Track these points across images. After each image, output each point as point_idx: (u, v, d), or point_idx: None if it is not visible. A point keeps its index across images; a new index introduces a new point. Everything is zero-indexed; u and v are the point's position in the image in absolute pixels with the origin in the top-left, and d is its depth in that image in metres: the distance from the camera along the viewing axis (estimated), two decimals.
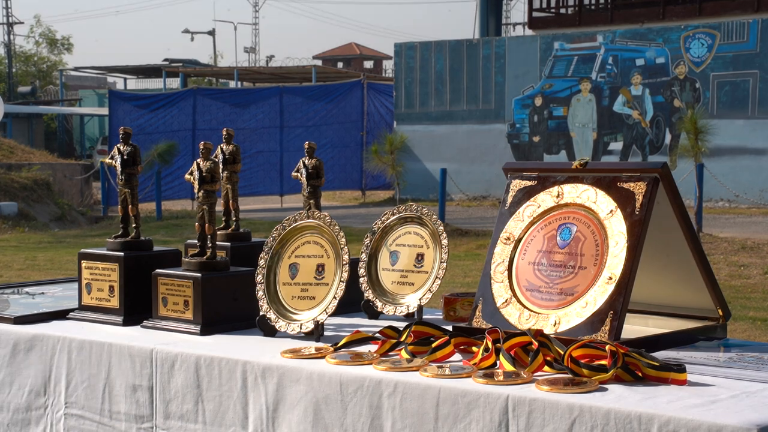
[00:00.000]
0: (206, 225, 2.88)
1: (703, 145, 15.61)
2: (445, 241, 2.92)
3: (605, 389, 2.13)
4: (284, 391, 2.46)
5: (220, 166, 3.13)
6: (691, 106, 20.55)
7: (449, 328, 2.64)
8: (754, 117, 20.40)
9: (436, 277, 2.91)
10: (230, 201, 3.22)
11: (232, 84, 37.48)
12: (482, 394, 2.17)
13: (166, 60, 45.20)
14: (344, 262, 2.70)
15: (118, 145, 3.05)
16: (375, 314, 3.00)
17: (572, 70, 22.05)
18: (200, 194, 2.87)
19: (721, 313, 2.64)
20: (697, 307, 2.66)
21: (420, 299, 2.90)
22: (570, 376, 2.21)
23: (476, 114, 23.02)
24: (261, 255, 2.83)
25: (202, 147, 2.90)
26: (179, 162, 22.96)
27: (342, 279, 2.69)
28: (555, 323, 2.49)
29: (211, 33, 61.91)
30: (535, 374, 2.25)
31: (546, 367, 2.28)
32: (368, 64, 60.86)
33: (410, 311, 2.91)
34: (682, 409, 1.96)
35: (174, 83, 40.25)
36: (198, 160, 2.89)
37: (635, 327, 2.67)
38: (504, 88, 22.66)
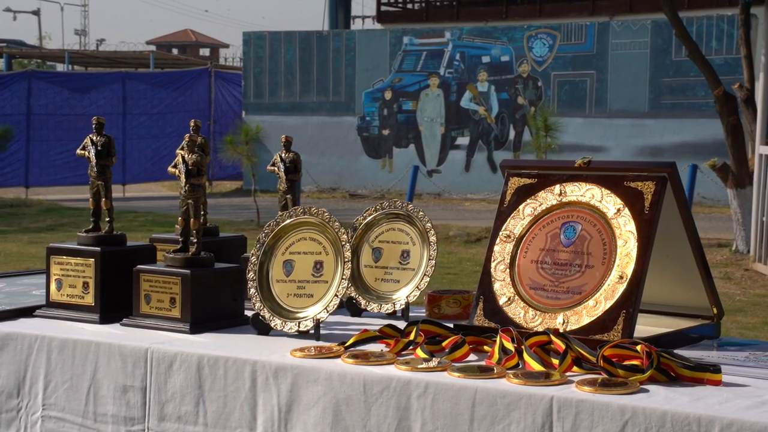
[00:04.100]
0: (191, 220, 2.77)
1: (553, 142, 16.05)
2: (433, 239, 2.89)
3: (647, 390, 2.13)
4: (299, 392, 2.38)
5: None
6: (534, 104, 21.11)
7: (449, 326, 2.62)
8: (592, 116, 21.11)
9: (425, 275, 2.87)
10: None
11: (61, 67, 36.22)
12: (524, 395, 2.14)
13: None
14: (346, 259, 2.64)
15: (91, 136, 2.90)
16: (358, 311, 2.94)
17: (421, 64, 22.26)
18: (186, 188, 2.76)
19: (715, 312, 2.69)
20: (692, 305, 2.70)
21: (408, 296, 2.86)
22: (605, 376, 2.21)
23: (326, 106, 22.97)
24: (252, 251, 2.74)
25: (187, 139, 2.79)
26: (13, 147, 22.02)
27: (344, 276, 2.63)
28: (563, 322, 2.49)
29: (36, 13, 59.78)
30: (566, 374, 2.25)
31: (575, 367, 2.28)
32: (204, 52, 59.87)
33: (396, 309, 2.88)
34: (739, 410, 1.97)
35: None
36: (183, 153, 2.77)
37: None
38: (354, 81, 22.68)
